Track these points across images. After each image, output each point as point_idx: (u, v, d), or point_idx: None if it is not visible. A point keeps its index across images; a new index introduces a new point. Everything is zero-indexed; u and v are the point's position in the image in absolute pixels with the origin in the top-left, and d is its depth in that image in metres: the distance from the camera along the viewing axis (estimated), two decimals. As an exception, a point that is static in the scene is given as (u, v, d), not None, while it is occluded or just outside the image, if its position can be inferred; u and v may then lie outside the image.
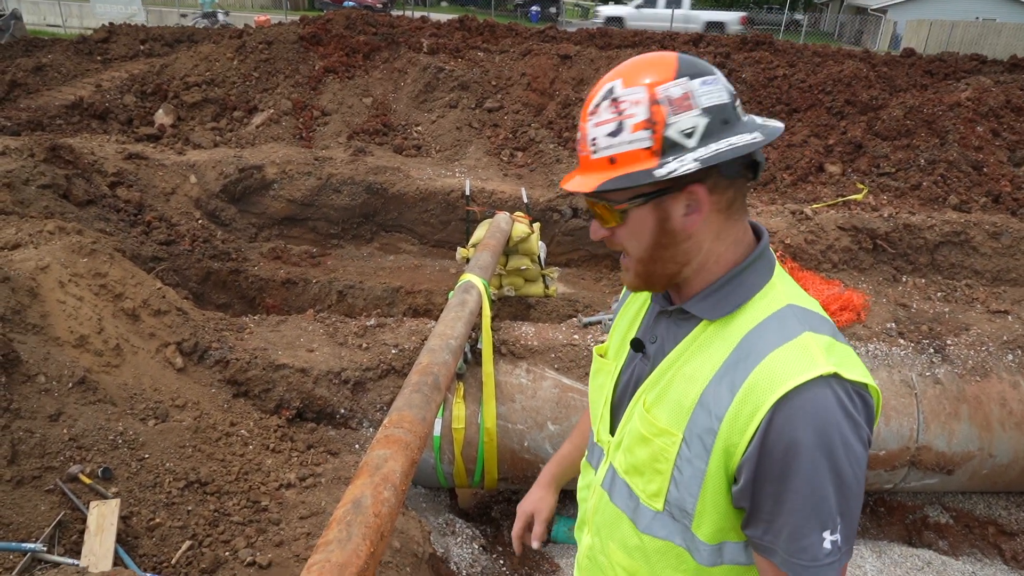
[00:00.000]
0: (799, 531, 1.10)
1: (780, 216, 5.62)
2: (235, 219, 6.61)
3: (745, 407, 1.12)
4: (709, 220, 1.19)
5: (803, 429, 1.07)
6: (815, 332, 1.15)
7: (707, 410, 1.17)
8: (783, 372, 1.10)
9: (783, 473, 1.09)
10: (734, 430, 1.13)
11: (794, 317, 1.17)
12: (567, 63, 9.69)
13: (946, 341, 4.09)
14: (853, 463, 1.09)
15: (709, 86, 1.13)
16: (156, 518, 2.61)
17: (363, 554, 1.56)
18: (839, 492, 1.09)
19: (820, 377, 1.08)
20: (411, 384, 2.40)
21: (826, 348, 1.13)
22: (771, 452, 1.09)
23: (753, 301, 1.21)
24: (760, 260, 1.24)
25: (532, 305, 5.25)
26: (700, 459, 1.18)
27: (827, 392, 1.08)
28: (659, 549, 1.29)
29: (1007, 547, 3.99)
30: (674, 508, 1.24)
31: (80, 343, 3.12)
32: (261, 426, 3.35)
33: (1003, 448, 3.85)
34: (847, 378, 1.10)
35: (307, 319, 4.17)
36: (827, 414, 1.07)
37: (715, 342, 1.21)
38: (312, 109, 8.46)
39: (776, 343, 1.14)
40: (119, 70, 10.05)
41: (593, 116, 1.17)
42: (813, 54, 10.41)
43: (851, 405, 1.09)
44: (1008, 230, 5.42)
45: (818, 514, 1.09)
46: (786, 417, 1.08)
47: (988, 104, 7.42)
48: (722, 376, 1.16)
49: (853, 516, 1.12)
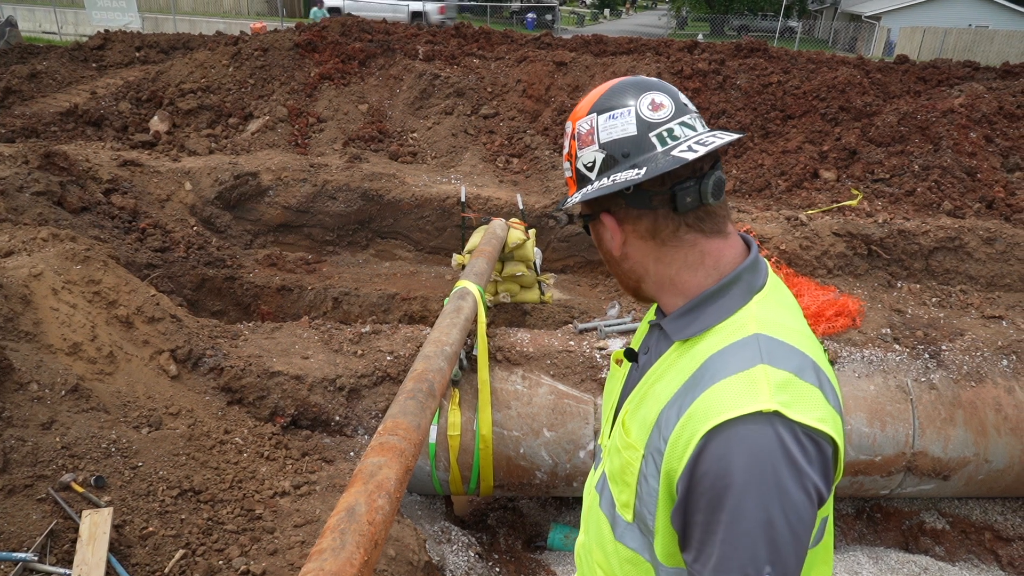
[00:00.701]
0: (723, 565, 1.04)
1: (775, 222, 5.63)
2: (230, 226, 6.60)
3: (684, 433, 1.09)
4: (636, 246, 1.25)
5: (731, 464, 1.02)
6: (772, 365, 1.07)
7: (659, 430, 1.16)
8: (720, 403, 1.05)
9: (711, 504, 1.04)
10: (674, 455, 1.11)
11: (755, 347, 1.11)
12: (562, 70, 9.72)
13: (941, 347, 4.10)
14: (788, 511, 1.00)
15: (614, 120, 1.19)
16: (149, 527, 2.59)
17: (357, 563, 1.55)
18: (768, 540, 1.01)
19: (759, 413, 1.02)
20: (406, 391, 2.39)
21: (778, 384, 1.05)
22: (700, 482, 1.05)
23: (722, 326, 1.17)
24: (735, 285, 1.20)
25: (528, 311, 5.25)
26: (653, 478, 1.17)
27: (766, 430, 1.02)
28: (629, 559, 1.30)
29: (1003, 552, 3.99)
30: (640, 522, 1.24)
31: (73, 351, 3.11)
32: (255, 434, 3.33)
33: (998, 453, 3.85)
34: (793, 419, 1.02)
35: (302, 326, 4.15)
36: (761, 453, 1.01)
37: (680, 363, 1.20)
38: (308, 116, 8.46)
39: (726, 373, 1.09)
40: (114, 77, 10.05)
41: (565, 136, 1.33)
42: (807, 61, 10.46)
43: (796, 448, 1.02)
44: (1002, 236, 5.44)
45: (741, 556, 1.01)
46: (715, 449, 1.03)
47: (981, 110, 7.46)
48: (676, 399, 1.14)
49: (787, 567, 1.02)
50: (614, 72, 9.47)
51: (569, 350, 3.90)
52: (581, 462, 3.65)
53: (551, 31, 15.46)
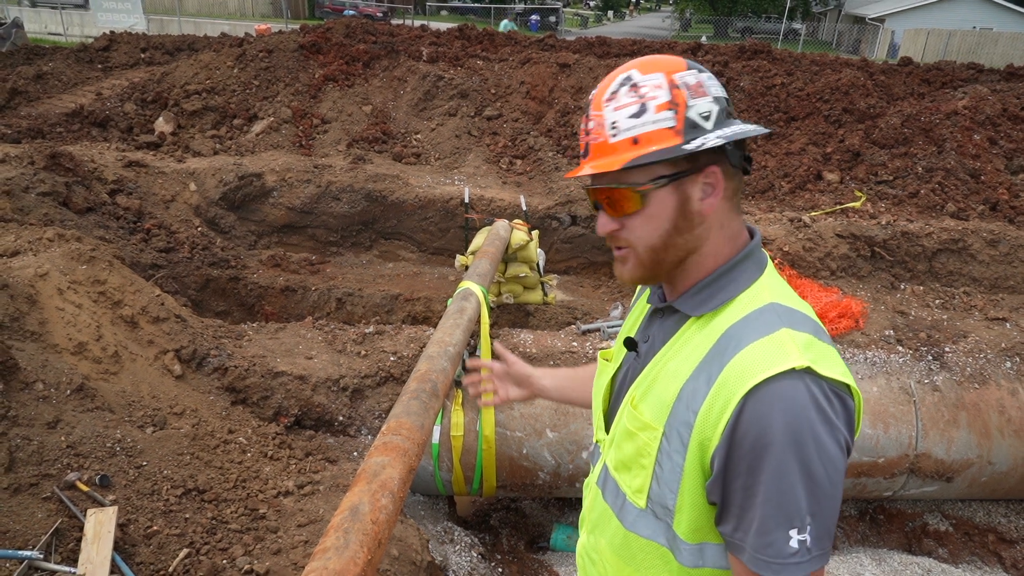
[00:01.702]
0: (765, 526, 1.09)
1: (778, 224, 5.63)
2: (234, 226, 6.62)
3: (717, 401, 1.13)
4: (720, 207, 1.23)
5: (772, 421, 1.06)
6: (794, 329, 1.15)
7: (685, 404, 1.18)
8: (754, 365, 1.10)
9: (752, 466, 1.08)
10: (707, 424, 1.14)
11: (775, 314, 1.18)
12: (566, 71, 9.73)
13: (944, 348, 4.10)
14: (826, 463, 1.07)
15: (713, 81, 1.21)
16: (154, 526, 2.60)
17: (360, 562, 1.55)
18: (809, 491, 1.07)
19: (792, 370, 1.08)
20: (409, 391, 2.40)
21: (803, 344, 1.12)
22: (740, 445, 1.09)
23: (738, 299, 1.23)
24: (749, 259, 1.27)
25: (531, 312, 5.26)
26: (678, 453, 1.19)
27: (799, 385, 1.07)
28: (643, 548, 1.30)
29: (1007, 555, 3.98)
30: (656, 505, 1.25)
31: (78, 350, 3.12)
32: (259, 433, 3.34)
33: (1002, 455, 3.84)
34: (822, 375, 1.09)
35: (306, 326, 4.17)
36: (798, 408, 1.06)
37: (698, 338, 1.24)
38: (312, 117, 8.48)
39: (752, 338, 1.14)
40: (120, 78, 10.09)
41: (611, 101, 1.20)
42: (811, 63, 10.45)
43: (826, 403, 1.08)
44: (1005, 238, 5.43)
45: (785, 510, 1.07)
46: (755, 409, 1.08)
47: (985, 112, 7.45)
48: (700, 371, 1.18)
49: (826, 519, 1.09)
50: (617, 74, 9.47)
51: (572, 351, 3.90)
52: (584, 462, 3.66)
53: (555, 33, 15.48)
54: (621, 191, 1.21)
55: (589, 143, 1.23)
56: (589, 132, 1.23)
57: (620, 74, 1.22)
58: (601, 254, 6.81)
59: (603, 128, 1.20)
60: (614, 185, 1.22)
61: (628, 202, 1.22)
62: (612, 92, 1.20)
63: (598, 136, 1.21)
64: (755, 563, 1.11)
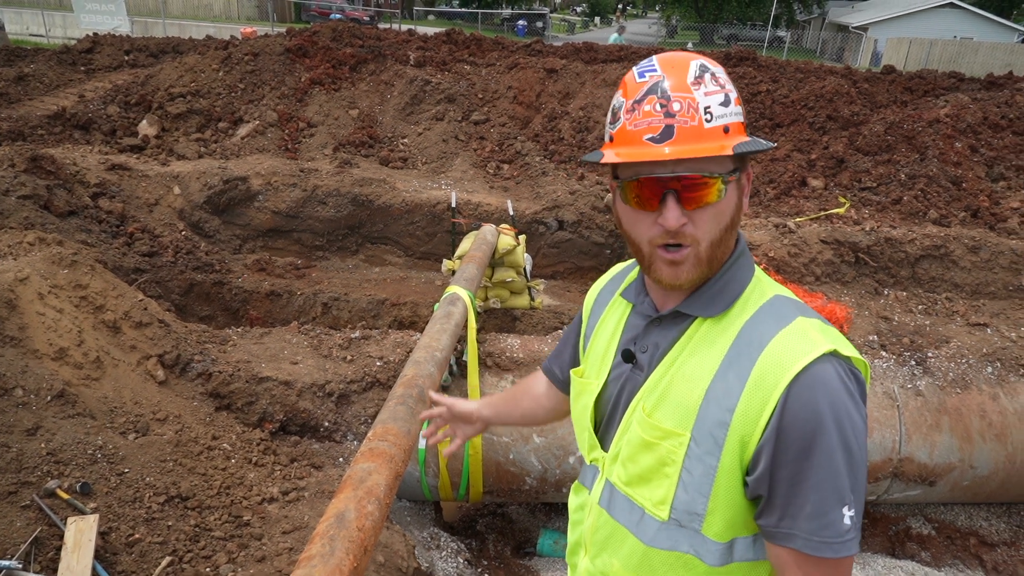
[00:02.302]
0: (821, 507, 1.11)
1: (764, 229, 5.67)
2: (219, 230, 6.57)
3: (756, 396, 1.14)
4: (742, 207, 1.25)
5: (818, 406, 1.10)
6: (806, 316, 1.20)
7: (717, 404, 1.18)
8: (789, 356, 1.13)
9: (803, 451, 1.11)
10: (747, 420, 1.15)
11: (785, 304, 1.23)
12: (553, 77, 9.76)
13: (927, 353, 4.14)
14: (859, 438, 1.12)
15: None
16: (136, 534, 2.56)
17: (346, 569, 1.54)
18: (850, 468, 1.11)
19: (823, 355, 1.12)
20: (396, 397, 2.39)
21: (820, 329, 1.18)
22: (789, 433, 1.11)
23: (744, 295, 1.25)
24: (744, 256, 1.29)
25: (518, 317, 5.25)
26: (711, 455, 1.19)
27: (830, 369, 1.12)
28: (665, 561, 1.28)
29: (988, 557, 4.02)
30: (681, 514, 1.24)
31: (59, 356, 3.08)
32: (244, 439, 3.31)
33: (983, 459, 3.88)
34: (843, 355, 1.15)
35: (291, 331, 4.14)
36: (835, 390, 1.11)
37: (712, 337, 1.24)
38: (298, 121, 8.45)
39: (774, 331, 1.17)
40: (103, 80, 10.00)
41: (698, 87, 1.14)
42: (796, 70, 10.56)
43: (851, 382, 1.14)
44: (986, 244, 5.50)
45: (837, 490, 1.11)
46: (799, 397, 1.11)
47: (966, 120, 7.55)
48: (727, 369, 1.19)
49: (862, 492, 1.14)
50: (604, 79, 9.52)
51: (559, 356, 3.90)
52: (571, 467, 3.65)
53: (542, 38, 15.53)
54: (709, 180, 1.15)
55: (675, 125, 1.13)
56: (673, 114, 1.13)
57: (688, 61, 1.16)
58: (588, 259, 6.82)
59: (695, 111, 1.13)
60: (705, 173, 1.14)
61: (711, 193, 1.16)
62: (696, 77, 1.15)
63: (688, 120, 1.13)
64: (812, 547, 1.12)
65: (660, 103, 1.14)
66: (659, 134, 1.14)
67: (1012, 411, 3.91)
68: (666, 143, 1.13)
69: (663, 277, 1.22)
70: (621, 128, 1.18)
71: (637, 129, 1.16)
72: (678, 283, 1.22)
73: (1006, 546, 4.08)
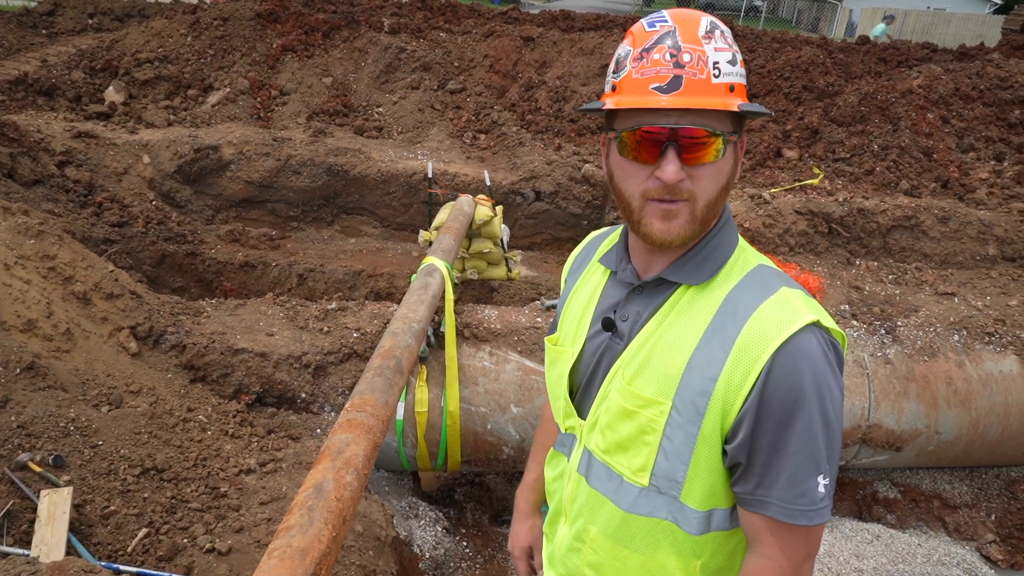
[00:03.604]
0: (797, 476, 1.14)
1: (739, 200, 5.70)
2: (191, 201, 6.45)
3: (740, 365, 1.15)
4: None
5: (800, 376, 1.12)
6: (789, 287, 1.21)
7: (699, 372, 1.18)
8: (773, 326, 1.14)
9: (783, 421, 1.13)
10: (730, 388, 1.16)
11: (769, 274, 1.24)
12: (530, 45, 9.64)
13: (896, 322, 4.22)
14: (837, 409, 1.15)
15: None
16: (111, 506, 2.55)
17: (325, 539, 1.55)
18: (827, 437, 1.14)
19: (807, 325, 1.14)
20: (373, 368, 2.38)
21: (804, 300, 1.19)
22: (770, 402, 1.13)
23: (728, 264, 1.25)
24: (729, 224, 1.29)
25: (495, 288, 5.25)
26: (692, 423, 1.19)
27: (812, 339, 1.14)
28: (644, 527, 1.29)
29: (950, 519, 4.16)
30: (661, 480, 1.25)
31: (28, 328, 3.02)
32: (220, 411, 3.29)
33: (948, 425, 4.00)
34: (825, 326, 1.16)
35: (266, 303, 4.10)
36: (816, 361, 1.13)
37: (696, 306, 1.23)
38: (270, 88, 8.26)
39: (758, 300, 1.18)
40: (66, 44, 9.65)
41: (709, 41, 1.12)
42: (772, 40, 10.54)
43: (831, 352, 1.16)
44: (955, 215, 5.60)
45: (813, 458, 1.13)
46: (782, 366, 1.12)
47: (938, 92, 7.62)
48: (711, 337, 1.19)
49: (836, 461, 1.17)
50: (581, 48, 9.43)
51: (536, 327, 3.92)
52: (548, 437, 3.69)
53: (518, 6, 15.30)
54: (711, 138, 1.13)
55: (683, 75, 1.11)
56: (683, 65, 1.10)
57: (698, 18, 1.14)
58: (565, 230, 6.82)
59: (704, 64, 1.11)
60: (708, 129, 1.12)
61: (712, 150, 1.14)
62: (707, 31, 1.13)
63: (697, 72, 1.11)
64: (786, 514, 1.15)
65: (670, 52, 1.11)
66: (667, 84, 1.11)
67: (976, 378, 4.02)
68: (672, 94, 1.11)
69: (654, 232, 1.19)
70: (627, 76, 1.16)
71: (644, 78, 1.13)
72: (669, 239, 1.19)
73: (968, 508, 4.23)
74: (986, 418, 4.00)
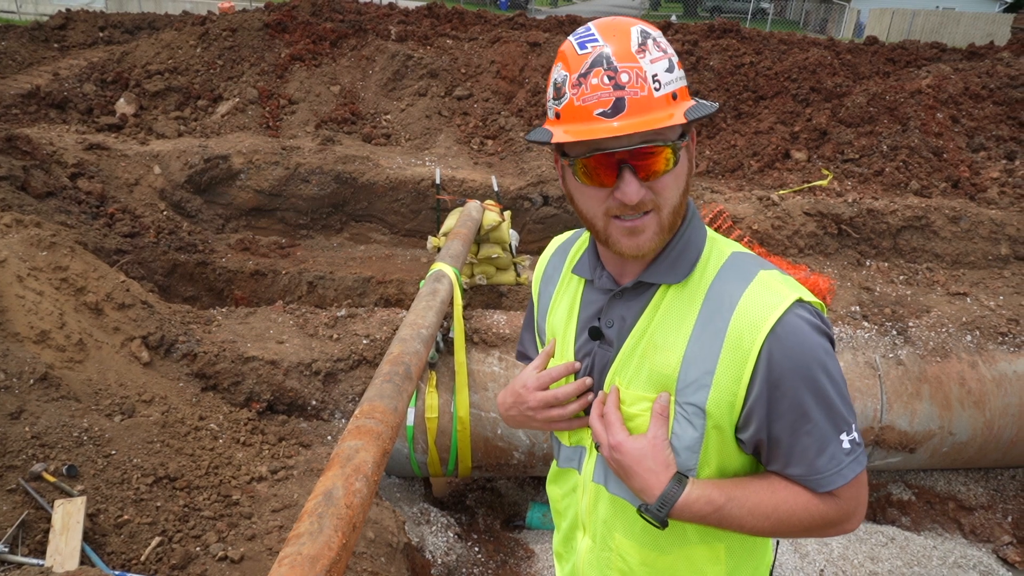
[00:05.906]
0: (822, 445, 1.17)
1: (747, 202, 5.68)
2: (201, 210, 6.50)
3: (736, 356, 1.16)
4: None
5: (800, 353, 1.14)
6: (764, 269, 1.23)
7: (695, 367, 1.20)
8: (760, 312, 1.16)
9: (796, 399, 1.15)
10: (729, 379, 1.17)
11: (744, 260, 1.25)
12: (536, 51, 9.66)
13: (908, 323, 4.19)
14: (836, 366, 1.18)
15: None
16: (124, 515, 2.57)
17: (335, 546, 1.55)
18: (840, 396, 1.17)
19: (792, 305, 1.16)
20: (383, 374, 2.39)
21: (782, 280, 1.22)
22: (777, 386, 1.15)
23: (703, 257, 1.27)
24: (696, 218, 1.30)
25: (504, 293, 5.26)
26: (697, 416, 1.21)
27: (800, 316, 1.16)
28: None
29: (966, 521, 4.11)
30: None
31: (41, 339, 3.05)
32: (231, 419, 3.31)
33: (962, 426, 3.96)
34: (807, 300, 1.20)
35: (276, 311, 4.12)
36: (808, 334, 1.16)
37: (680, 303, 1.24)
38: (279, 98, 8.32)
39: (741, 288, 1.19)
40: (77, 58, 9.77)
41: (643, 54, 1.10)
42: (779, 42, 10.51)
43: (820, 323, 1.19)
44: (966, 214, 5.55)
45: (834, 424, 1.17)
46: (779, 349, 1.14)
47: (948, 91, 7.57)
48: (701, 332, 1.20)
49: (852, 410, 1.21)
50: (588, 53, 9.42)
51: (545, 332, 3.91)
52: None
53: (525, 12, 15.34)
54: (663, 149, 1.12)
55: (625, 96, 1.08)
56: (623, 86, 1.08)
57: (629, 28, 1.12)
58: (573, 234, 6.81)
59: (644, 80, 1.09)
60: (659, 142, 1.11)
61: (665, 160, 1.13)
62: (640, 44, 1.10)
63: (638, 90, 1.08)
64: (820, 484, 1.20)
65: (607, 75, 1.09)
66: (610, 108, 1.09)
67: (990, 378, 3.98)
68: (617, 117, 1.09)
69: (624, 248, 1.20)
70: (568, 104, 1.14)
71: (586, 104, 1.11)
72: (640, 254, 1.20)
73: (983, 509, 4.18)
74: (1001, 419, 3.96)
